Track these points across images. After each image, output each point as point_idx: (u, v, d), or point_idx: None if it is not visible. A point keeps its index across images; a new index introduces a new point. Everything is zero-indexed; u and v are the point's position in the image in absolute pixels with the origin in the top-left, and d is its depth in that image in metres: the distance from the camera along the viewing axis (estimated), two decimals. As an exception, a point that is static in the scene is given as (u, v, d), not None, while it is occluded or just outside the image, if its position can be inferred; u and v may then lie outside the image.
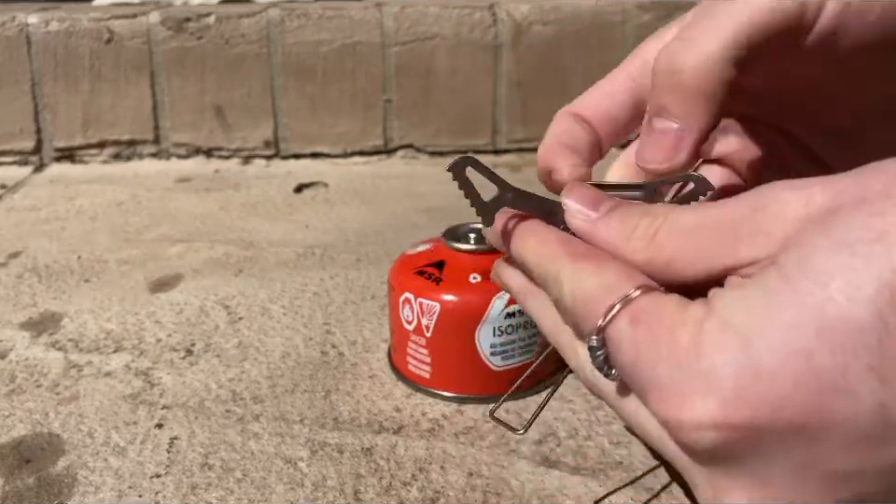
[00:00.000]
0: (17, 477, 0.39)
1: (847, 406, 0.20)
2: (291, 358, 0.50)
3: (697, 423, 0.21)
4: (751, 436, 0.21)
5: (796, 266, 0.21)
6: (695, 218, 0.24)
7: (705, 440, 0.21)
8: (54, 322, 0.55)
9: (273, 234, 0.71)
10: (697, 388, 0.21)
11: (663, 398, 0.22)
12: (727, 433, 0.21)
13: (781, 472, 0.21)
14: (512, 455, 0.40)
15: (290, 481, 0.38)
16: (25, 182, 0.85)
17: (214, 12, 0.88)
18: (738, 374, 0.21)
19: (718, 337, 0.21)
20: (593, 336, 0.24)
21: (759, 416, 0.21)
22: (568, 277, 0.26)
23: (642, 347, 0.23)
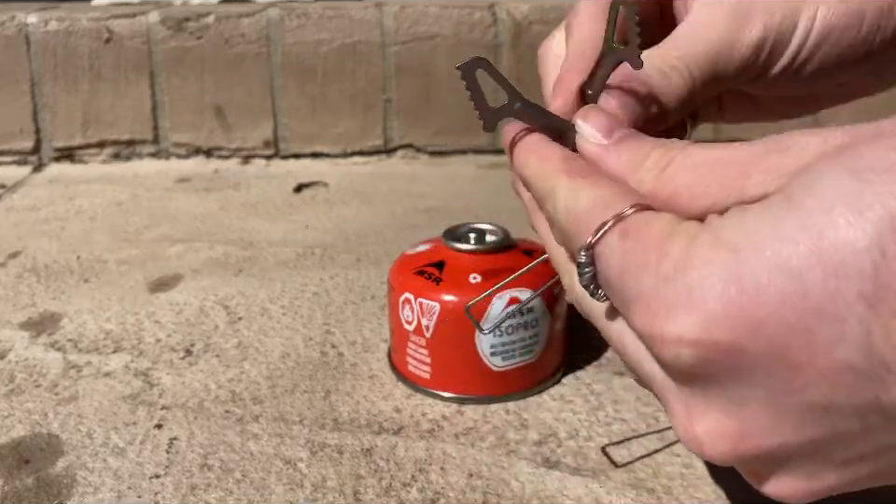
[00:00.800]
0: (16, 477, 0.39)
1: (833, 332, 0.19)
2: (291, 359, 0.50)
3: (678, 337, 0.21)
4: (732, 355, 0.20)
5: (801, 189, 0.20)
6: (710, 154, 0.24)
7: (685, 355, 0.21)
8: (53, 322, 0.55)
9: (273, 234, 0.71)
10: (681, 302, 0.21)
11: (646, 310, 0.22)
12: (708, 350, 0.20)
13: (758, 399, 0.21)
14: (513, 455, 0.40)
15: (290, 481, 0.38)
16: (24, 182, 0.85)
17: (213, 12, 0.88)
18: (725, 290, 0.20)
19: (708, 251, 0.21)
20: (582, 252, 0.24)
21: (741, 334, 0.20)
22: (563, 193, 0.26)
23: (629, 259, 0.23)
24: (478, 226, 0.48)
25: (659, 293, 0.21)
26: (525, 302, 0.43)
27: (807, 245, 0.19)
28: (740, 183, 0.22)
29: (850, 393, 0.20)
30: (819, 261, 0.19)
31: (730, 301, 0.20)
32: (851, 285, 0.19)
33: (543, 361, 0.45)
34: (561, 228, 0.26)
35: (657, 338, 0.21)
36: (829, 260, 0.19)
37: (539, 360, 0.45)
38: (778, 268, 0.20)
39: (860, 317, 0.19)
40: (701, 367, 0.21)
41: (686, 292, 0.21)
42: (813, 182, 0.20)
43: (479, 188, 0.82)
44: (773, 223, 0.20)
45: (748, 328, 0.20)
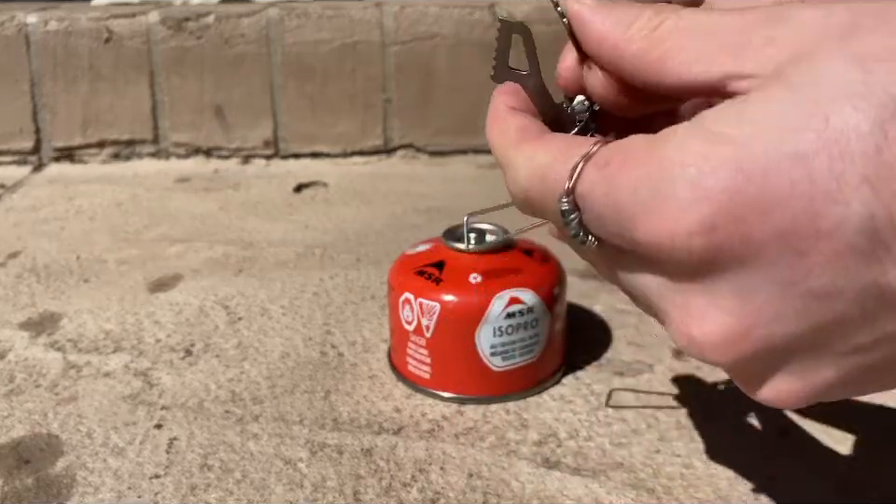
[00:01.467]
0: (16, 478, 0.39)
1: (838, 214, 0.19)
2: (291, 359, 0.50)
3: (688, 230, 0.21)
4: (742, 243, 0.20)
5: (804, 76, 0.20)
6: (706, 18, 0.23)
7: (696, 247, 0.21)
8: (53, 322, 0.55)
9: (273, 234, 0.71)
10: (686, 197, 0.20)
11: (650, 217, 0.21)
12: (718, 239, 0.20)
13: (763, 286, 0.21)
14: (513, 455, 0.40)
15: (290, 481, 0.38)
16: (24, 182, 0.85)
17: (213, 12, 0.88)
18: (731, 179, 0.20)
19: (707, 146, 0.21)
20: (563, 199, 0.23)
21: (751, 221, 0.20)
22: (520, 160, 0.25)
23: (619, 181, 0.22)
24: (478, 226, 0.48)
25: (660, 195, 0.21)
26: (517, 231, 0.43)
27: (814, 130, 0.19)
28: (736, 52, 0.22)
29: (852, 276, 0.20)
30: (825, 146, 0.19)
31: (738, 190, 0.20)
32: (855, 167, 0.19)
33: (543, 361, 0.45)
34: (526, 194, 0.25)
35: (666, 238, 0.21)
36: (834, 145, 0.19)
37: (539, 360, 0.45)
38: (785, 154, 0.20)
39: (863, 199, 0.19)
40: (710, 258, 0.21)
41: (689, 187, 0.20)
42: (816, 71, 0.20)
43: (479, 188, 0.82)
44: (776, 112, 0.20)
45: (757, 215, 0.20)
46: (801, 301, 0.21)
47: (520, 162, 0.26)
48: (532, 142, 0.26)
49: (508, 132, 0.27)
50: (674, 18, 0.23)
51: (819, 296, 0.20)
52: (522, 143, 0.26)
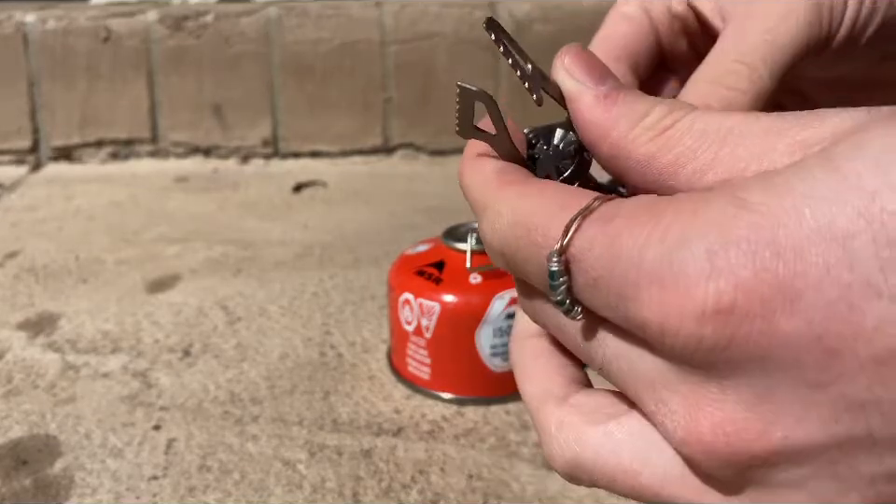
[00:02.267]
0: (14, 479, 0.39)
1: (881, 311, 0.16)
2: (290, 359, 0.49)
3: (701, 310, 0.17)
4: (763, 333, 0.17)
5: (845, 152, 0.17)
6: (724, 120, 0.20)
7: (708, 334, 0.17)
8: (51, 323, 0.54)
9: (272, 234, 0.70)
10: (702, 269, 0.17)
11: (655, 289, 0.18)
12: (735, 321, 0.17)
13: (786, 388, 0.17)
14: (513, 457, 0.40)
15: (289, 483, 0.38)
16: (22, 182, 0.85)
17: (212, 11, 0.88)
18: (757, 253, 0.17)
19: (730, 211, 0.17)
20: (554, 259, 0.19)
21: (776, 307, 0.17)
22: (501, 203, 0.21)
23: (622, 239, 0.18)
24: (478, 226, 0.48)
25: (672, 263, 0.17)
26: None
27: (855, 206, 0.16)
28: (762, 156, 0.19)
29: (892, 386, 0.17)
30: (869, 227, 0.16)
31: (764, 267, 0.17)
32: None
33: (544, 362, 0.45)
34: (505, 245, 0.21)
35: (674, 316, 0.18)
36: (881, 227, 0.16)
37: (540, 361, 0.45)
38: (820, 231, 0.16)
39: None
40: (724, 347, 0.18)
41: (707, 257, 0.17)
42: (860, 144, 0.17)
43: (478, 187, 0.82)
44: (811, 182, 0.17)
45: (783, 300, 0.17)
46: (829, 408, 0.17)
47: (502, 207, 0.21)
48: (516, 186, 0.22)
49: (485, 173, 0.23)
50: (690, 118, 0.20)
51: (852, 405, 0.17)
52: (504, 186, 0.22)
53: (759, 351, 0.17)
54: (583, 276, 0.19)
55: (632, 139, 0.21)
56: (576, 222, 0.19)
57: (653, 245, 0.18)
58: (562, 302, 0.20)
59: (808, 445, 0.18)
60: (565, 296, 0.20)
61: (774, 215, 0.17)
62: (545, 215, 0.20)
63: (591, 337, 0.21)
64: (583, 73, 0.22)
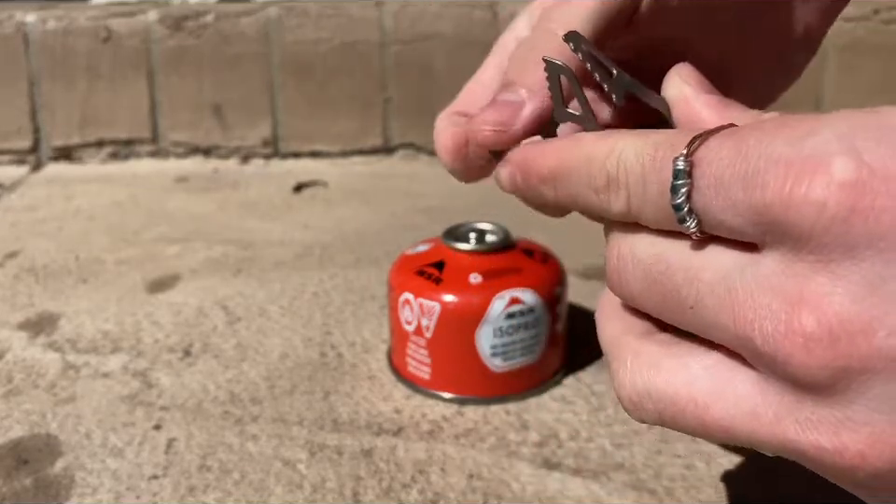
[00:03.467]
0: (14, 478, 0.39)
1: None
2: (290, 359, 0.49)
3: (827, 180, 0.17)
4: (885, 205, 0.17)
5: None
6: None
7: (832, 200, 0.17)
8: (51, 322, 0.54)
9: (272, 234, 0.70)
10: (830, 148, 0.17)
11: (783, 167, 0.18)
12: (860, 193, 0.17)
13: None
14: (513, 457, 0.40)
15: (289, 483, 0.38)
16: (22, 181, 0.85)
17: (212, 10, 0.88)
18: (883, 135, 0.17)
19: (856, 113, 0.18)
20: (680, 160, 0.20)
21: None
22: (628, 141, 0.22)
23: (750, 139, 0.19)
24: (478, 226, 0.48)
25: (800, 148, 0.18)
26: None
27: None
28: None
29: None
30: None
31: (891, 149, 0.17)
32: None
33: (544, 362, 0.45)
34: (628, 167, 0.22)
35: (799, 187, 0.18)
36: None
37: (540, 361, 0.45)
38: None
39: None
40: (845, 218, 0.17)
41: (836, 139, 0.17)
42: None
43: (479, 188, 0.81)
44: None
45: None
46: None
47: (626, 140, 0.22)
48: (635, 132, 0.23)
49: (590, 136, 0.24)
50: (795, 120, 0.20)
51: None
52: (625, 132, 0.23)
53: (879, 228, 0.17)
54: (706, 178, 0.20)
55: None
56: (701, 137, 0.20)
57: (782, 139, 0.18)
58: (679, 207, 0.20)
59: None
60: (684, 200, 0.20)
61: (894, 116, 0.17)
62: (670, 135, 0.21)
63: (698, 256, 0.21)
64: (696, 82, 0.24)
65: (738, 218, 0.19)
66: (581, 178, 0.23)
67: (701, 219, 0.20)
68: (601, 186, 0.23)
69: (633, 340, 0.23)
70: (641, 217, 0.22)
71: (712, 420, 0.21)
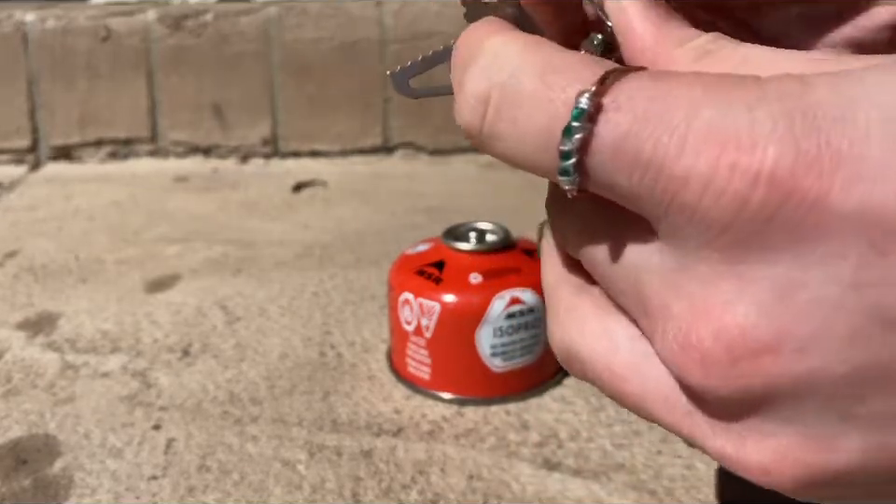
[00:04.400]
0: (13, 479, 0.39)
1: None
2: (289, 359, 0.49)
3: (757, 170, 0.15)
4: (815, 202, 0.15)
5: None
6: (771, 52, 0.18)
7: (758, 194, 0.15)
8: (51, 322, 0.54)
9: (272, 234, 0.70)
10: (766, 131, 0.15)
11: (711, 143, 0.15)
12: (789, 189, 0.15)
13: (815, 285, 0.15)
14: (513, 457, 0.40)
15: (288, 483, 0.38)
16: (21, 181, 0.85)
17: (212, 10, 0.88)
18: (821, 126, 0.15)
19: (796, 86, 0.16)
20: (585, 97, 0.16)
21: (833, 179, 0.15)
22: (514, 45, 0.18)
23: (675, 94, 0.16)
24: (478, 226, 0.48)
25: (733, 122, 0.15)
26: None
27: None
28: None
29: None
30: None
31: (828, 142, 0.15)
32: None
33: (544, 362, 0.45)
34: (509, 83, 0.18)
35: (724, 171, 0.15)
36: None
37: (540, 361, 0.45)
38: (890, 119, 0.15)
39: None
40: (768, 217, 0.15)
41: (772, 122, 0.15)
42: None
43: (479, 188, 0.82)
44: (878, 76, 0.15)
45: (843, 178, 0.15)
46: (861, 318, 0.15)
47: (512, 48, 0.18)
48: (532, 40, 0.19)
49: (491, 24, 0.20)
50: (733, 45, 0.18)
51: (889, 321, 0.15)
52: (513, 35, 0.19)
53: (801, 229, 0.15)
54: (610, 131, 0.16)
55: (675, 57, 0.19)
56: (616, 73, 0.16)
57: (712, 105, 0.16)
58: (567, 155, 0.17)
59: (822, 367, 0.15)
60: (575, 149, 0.16)
61: (843, 96, 0.15)
62: (577, 58, 0.17)
63: (591, 221, 0.19)
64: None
65: (640, 188, 0.16)
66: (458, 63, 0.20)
67: (587, 179, 0.17)
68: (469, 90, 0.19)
69: (567, 292, 0.21)
70: (495, 147, 0.19)
71: (627, 393, 0.19)
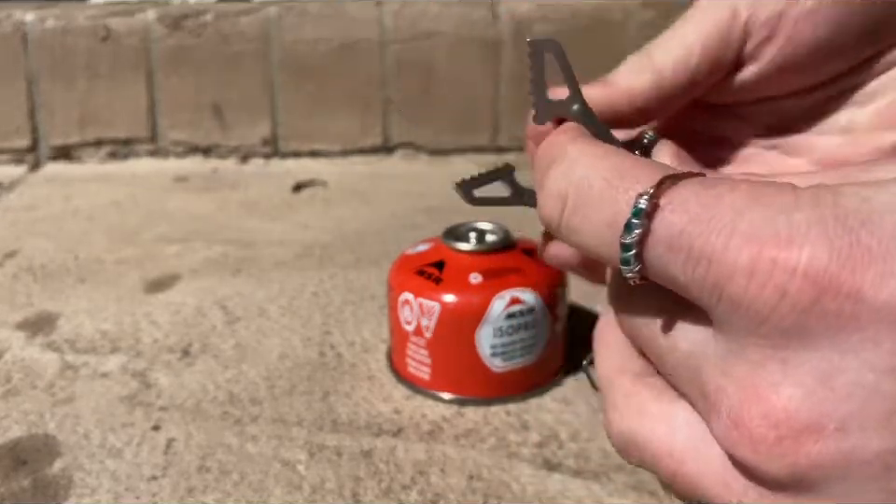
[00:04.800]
0: (12, 479, 0.39)
1: None
2: (289, 360, 0.49)
3: (794, 266, 0.17)
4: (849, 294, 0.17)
5: None
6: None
7: (795, 287, 0.17)
8: (50, 322, 0.54)
9: (272, 234, 0.70)
10: (801, 232, 0.17)
11: (752, 243, 0.17)
12: (825, 284, 0.17)
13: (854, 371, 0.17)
14: (514, 457, 0.40)
15: (288, 483, 0.38)
16: (21, 181, 0.85)
17: (211, 10, 0.88)
18: (853, 228, 0.17)
19: (828, 196, 0.17)
20: (643, 199, 0.18)
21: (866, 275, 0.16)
22: (586, 152, 0.21)
23: (723, 200, 0.18)
24: (478, 226, 0.47)
25: (771, 224, 0.17)
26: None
27: None
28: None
29: None
30: None
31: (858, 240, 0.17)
32: None
33: (544, 362, 0.45)
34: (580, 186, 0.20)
35: (765, 265, 0.17)
36: None
37: (540, 361, 0.45)
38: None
39: None
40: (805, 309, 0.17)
41: (806, 225, 0.17)
42: None
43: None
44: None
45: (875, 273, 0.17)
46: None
47: (586, 155, 0.21)
48: (600, 145, 0.22)
49: (569, 132, 0.23)
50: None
51: None
52: (586, 139, 0.22)
53: (838, 322, 0.17)
54: (666, 228, 0.18)
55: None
56: (672, 178, 0.19)
57: (756, 209, 0.17)
58: (628, 248, 0.19)
59: (862, 446, 0.17)
60: (636, 242, 0.19)
61: (870, 202, 0.17)
62: (639, 165, 0.20)
63: (654, 309, 0.20)
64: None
65: (693, 280, 0.18)
66: (541, 165, 0.23)
67: (646, 268, 0.19)
68: (550, 188, 0.22)
69: (626, 380, 0.23)
70: (571, 238, 0.21)
71: (684, 475, 0.20)
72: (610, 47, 0.89)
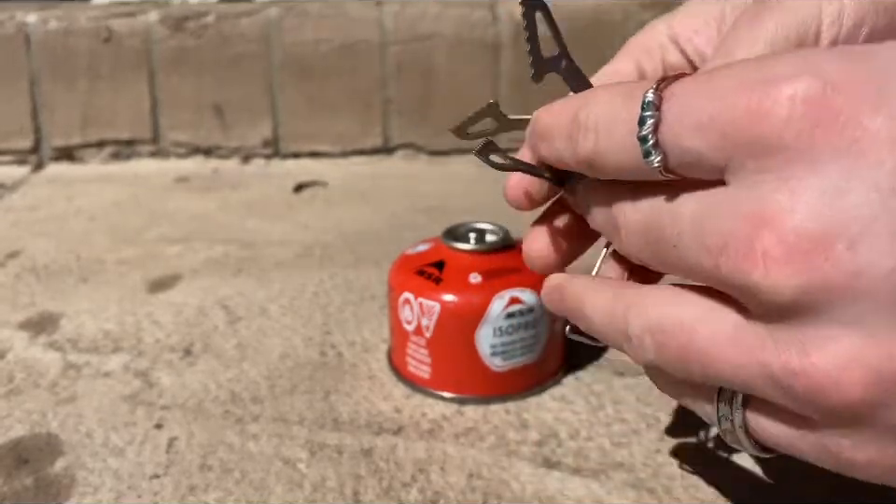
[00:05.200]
0: (15, 478, 0.39)
1: None
2: (290, 359, 0.49)
3: (791, 95, 0.18)
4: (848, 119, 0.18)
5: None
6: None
7: (798, 112, 0.18)
8: (52, 322, 0.55)
9: (273, 234, 0.71)
10: (795, 64, 0.18)
11: (751, 90, 0.19)
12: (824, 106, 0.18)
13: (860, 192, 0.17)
14: (513, 456, 0.40)
15: (289, 482, 0.38)
16: (23, 181, 0.85)
17: (213, 11, 0.88)
18: (843, 52, 0.19)
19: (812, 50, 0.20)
20: (650, 92, 0.21)
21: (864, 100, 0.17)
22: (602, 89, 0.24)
23: (719, 71, 0.20)
24: (478, 226, 0.48)
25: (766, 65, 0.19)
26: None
27: None
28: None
29: None
30: None
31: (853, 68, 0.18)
32: None
33: (543, 361, 0.45)
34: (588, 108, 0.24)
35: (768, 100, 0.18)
36: None
37: (540, 360, 0.45)
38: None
39: None
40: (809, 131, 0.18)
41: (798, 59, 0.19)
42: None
43: (479, 188, 0.82)
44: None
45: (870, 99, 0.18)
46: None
47: (599, 90, 0.25)
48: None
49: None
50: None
51: None
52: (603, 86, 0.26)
53: (841, 142, 0.17)
54: (674, 109, 0.20)
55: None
56: (674, 76, 0.21)
57: (749, 65, 0.19)
58: (646, 139, 0.21)
59: (871, 263, 0.17)
60: (651, 132, 0.21)
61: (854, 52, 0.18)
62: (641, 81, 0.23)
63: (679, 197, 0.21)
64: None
65: (704, 143, 0.20)
66: (560, 131, 0.25)
67: (666, 153, 0.21)
68: (573, 132, 0.24)
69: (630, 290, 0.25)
70: (606, 160, 0.23)
71: (695, 346, 0.21)
72: (610, 47, 0.89)
